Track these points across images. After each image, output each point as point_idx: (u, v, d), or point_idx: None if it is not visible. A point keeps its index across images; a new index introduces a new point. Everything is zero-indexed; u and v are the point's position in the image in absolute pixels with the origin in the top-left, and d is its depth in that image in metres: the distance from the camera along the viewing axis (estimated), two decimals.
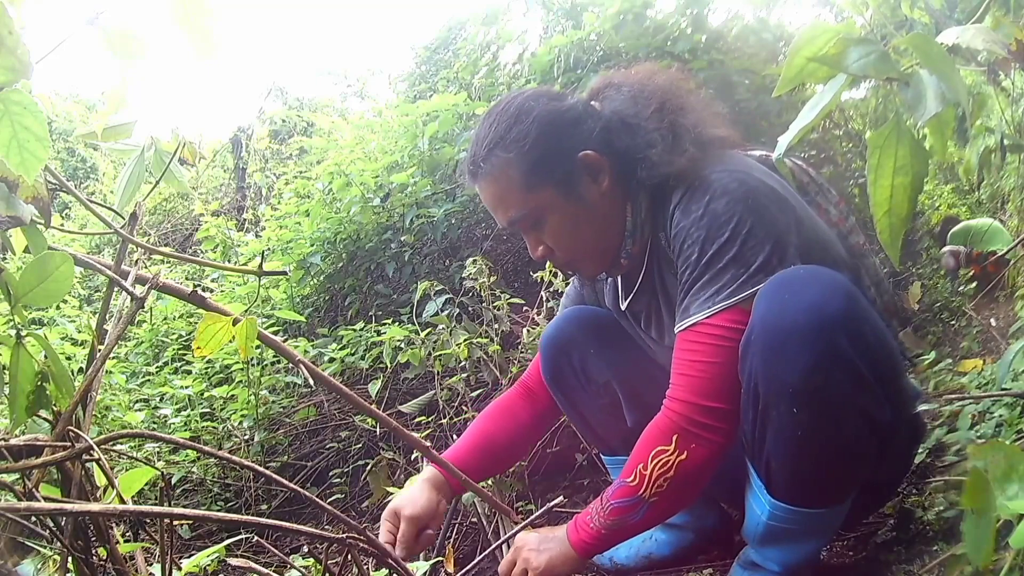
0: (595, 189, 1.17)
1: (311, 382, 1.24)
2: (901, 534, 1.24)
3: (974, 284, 2.93)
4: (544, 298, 2.10)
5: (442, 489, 1.30)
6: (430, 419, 2.01)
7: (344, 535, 0.88)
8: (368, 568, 1.19)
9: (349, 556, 0.90)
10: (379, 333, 2.29)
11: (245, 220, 5.85)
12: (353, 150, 3.49)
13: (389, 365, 2.13)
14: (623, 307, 1.31)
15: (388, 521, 1.26)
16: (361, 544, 0.90)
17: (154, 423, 2.35)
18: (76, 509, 0.74)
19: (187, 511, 0.82)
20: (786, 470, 1.04)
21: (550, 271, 2.04)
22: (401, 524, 1.24)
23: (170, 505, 1.24)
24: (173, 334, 3.32)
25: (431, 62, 5.60)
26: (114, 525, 0.88)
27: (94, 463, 0.87)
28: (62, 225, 1.49)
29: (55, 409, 0.88)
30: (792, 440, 1.00)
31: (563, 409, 1.43)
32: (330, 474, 2.16)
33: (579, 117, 1.17)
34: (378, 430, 2.17)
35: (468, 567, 1.17)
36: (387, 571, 1.10)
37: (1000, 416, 1.38)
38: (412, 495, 1.27)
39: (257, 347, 2.06)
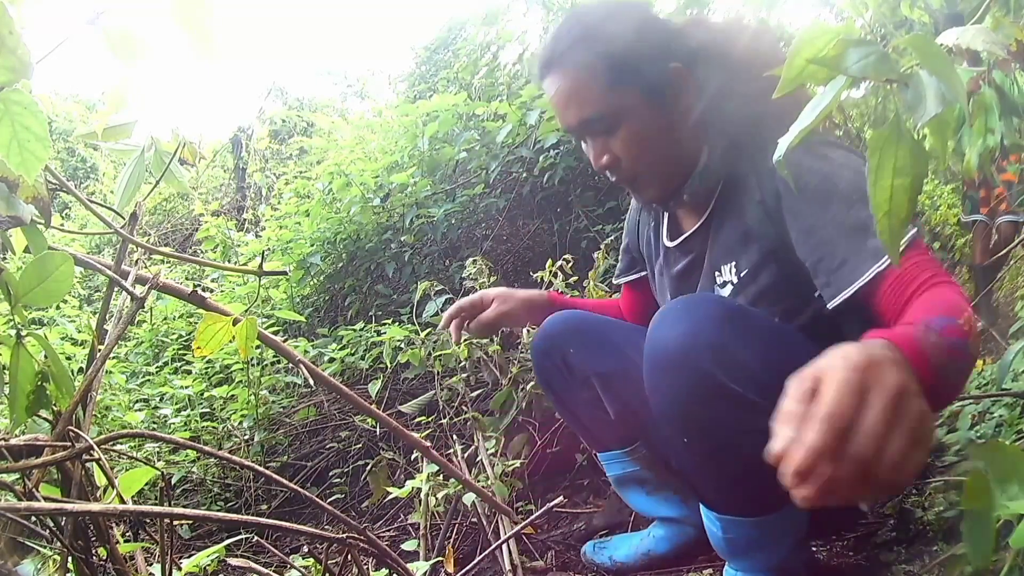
0: (679, 105, 1.10)
1: (311, 382, 1.24)
2: (901, 534, 1.24)
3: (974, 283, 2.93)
4: None
5: (538, 312, 1.42)
6: (430, 419, 2.01)
7: (344, 535, 0.88)
8: (368, 568, 1.20)
9: (349, 556, 0.91)
10: (379, 333, 2.29)
11: (245, 220, 5.86)
12: (353, 150, 3.49)
13: (389, 365, 2.13)
14: (668, 244, 1.27)
15: (482, 296, 1.42)
16: (361, 544, 0.90)
17: (154, 423, 2.35)
18: (76, 509, 0.74)
19: (187, 511, 0.82)
20: (707, 487, 1.06)
21: (550, 271, 2.04)
22: (492, 312, 1.40)
23: (170, 505, 1.25)
24: (173, 334, 3.32)
25: (431, 62, 5.60)
26: (114, 525, 0.88)
27: (94, 463, 0.88)
28: (62, 225, 1.49)
29: (55, 409, 0.88)
30: (693, 462, 1.03)
31: (557, 410, 1.47)
32: (330, 474, 2.16)
33: (674, 32, 1.11)
34: (378, 430, 2.17)
35: (468, 567, 1.17)
36: (387, 571, 1.11)
37: (1000, 416, 1.38)
38: (517, 301, 1.42)
39: (257, 347, 2.06)
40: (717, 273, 1.14)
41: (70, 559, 0.81)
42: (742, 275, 1.10)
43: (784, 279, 1.06)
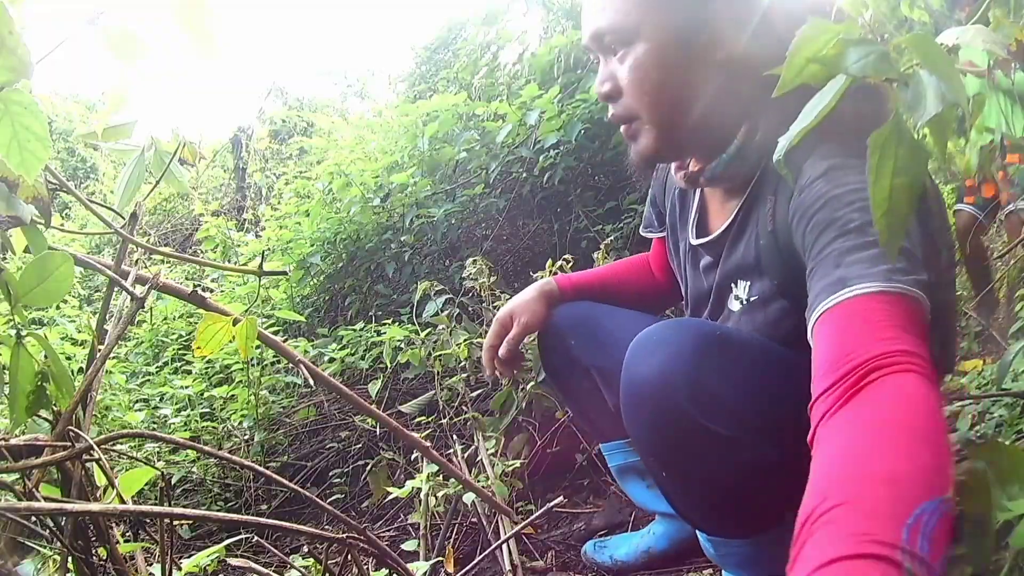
0: (714, 53, 0.95)
1: (311, 382, 1.24)
2: None
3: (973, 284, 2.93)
4: None
5: (552, 303, 1.35)
6: (430, 419, 2.01)
7: (344, 535, 0.88)
8: (368, 568, 1.20)
9: (349, 556, 0.91)
10: (379, 333, 2.29)
11: (245, 220, 5.87)
12: (353, 150, 3.49)
13: (389, 365, 2.13)
14: (692, 242, 1.18)
15: (500, 323, 1.33)
16: (361, 544, 0.90)
17: (154, 423, 2.35)
18: (76, 509, 0.74)
19: (187, 511, 0.82)
20: (692, 514, 1.04)
21: (550, 271, 2.03)
22: (514, 328, 1.32)
23: (170, 505, 1.24)
24: (173, 334, 3.32)
25: (431, 62, 5.61)
26: (114, 525, 0.88)
27: (94, 463, 0.88)
28: (62, 225, 1.49)
29: (55, 409, 0.88)
30: (676, 491, 1.01)
31: (562, 398, 1.46)
32: (330, 474, 2.16)
33: None
34: (378, 430, 2.17)
35: (468, 567, 1.17)
36: (387, 571, 1.11)
37: (1000, 416, 1.38)
38: (529, 304, 1.33)
39: (257, 347, 2.06)
40: (733, 285, 1.10)
41: (70, 559, 0.81)
42: (752, 300, 1.06)
43: (795, 311, 0.98)
